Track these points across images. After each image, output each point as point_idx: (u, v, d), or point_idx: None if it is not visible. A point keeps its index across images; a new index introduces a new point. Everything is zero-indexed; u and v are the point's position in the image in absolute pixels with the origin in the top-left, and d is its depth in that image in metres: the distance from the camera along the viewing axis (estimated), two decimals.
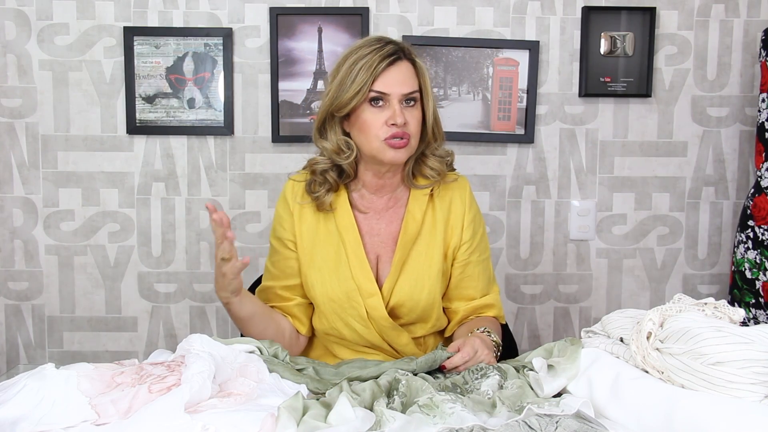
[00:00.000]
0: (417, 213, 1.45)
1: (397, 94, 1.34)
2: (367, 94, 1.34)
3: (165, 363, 1.09)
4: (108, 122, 2.22)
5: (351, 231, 1.43)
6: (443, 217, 1.46)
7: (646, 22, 2.20)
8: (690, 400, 0.94)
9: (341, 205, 1.44)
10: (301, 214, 1.46)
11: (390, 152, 1.35)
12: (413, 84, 1.37)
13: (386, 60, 1.34)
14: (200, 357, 1.05)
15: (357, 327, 1.43)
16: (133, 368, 1.07)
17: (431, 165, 1.44)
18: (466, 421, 0.95)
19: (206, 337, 1.14)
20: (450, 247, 1.47)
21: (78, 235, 2.24)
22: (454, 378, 1.20)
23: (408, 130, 1.35)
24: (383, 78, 1.34)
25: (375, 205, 1.47)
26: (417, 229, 1.44)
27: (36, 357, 2.27)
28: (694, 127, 2.27)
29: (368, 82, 1.33)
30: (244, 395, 1.03)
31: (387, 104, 1.35)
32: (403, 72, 1.36)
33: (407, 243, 1.43)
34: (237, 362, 1.13)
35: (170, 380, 1.00)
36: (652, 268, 2.31)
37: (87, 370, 1.04)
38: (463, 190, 1.49)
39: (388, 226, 1.46)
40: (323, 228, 1.45)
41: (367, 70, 1.33)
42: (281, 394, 1.08)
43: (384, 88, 1.34)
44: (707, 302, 1.12)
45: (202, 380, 0.99)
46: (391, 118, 1.34)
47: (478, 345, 1.28)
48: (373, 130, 1.35)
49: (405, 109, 1.36)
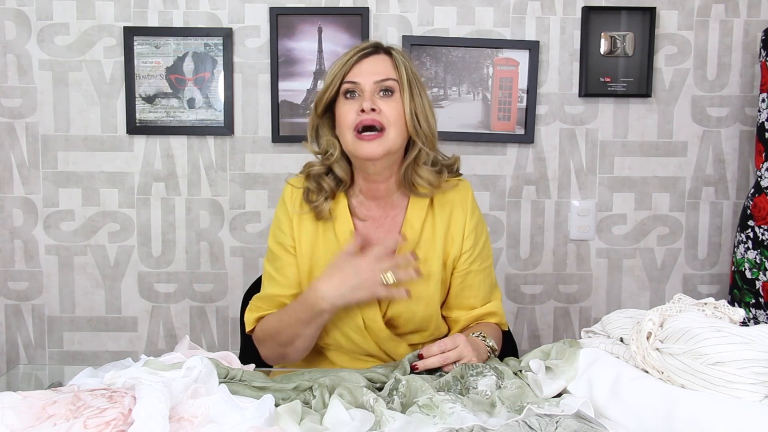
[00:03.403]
0: (416, 222, 1.41)
1: (368, 83, 1.31)
2: (339, 86, 1.33)
3: (107, 392, 0.96)
4: (108, 122, 2.22)
5: (349, 239, 1.39)
6: (443, 226, 1.42)
7: (646, 22, 2.20)
8: (690, 400, 0.94)
9: (341, 213, 1.41)
10: (300, 220, 1.42)
11: (362, 146, 1.30)
12: (387, 73, 1.33)
13: (360, 53, 1.34)
14: (152, 389, 0.91)
15: (354, 337, 1.40)
16: (68, 397, 0.93)
17: (422, 175, 1.37)
18: (466, 421, 0.95)
19: (154, 360, 1.04)
20: (450, 256, 1.42)
21: (78, 235, 2.24)
22: (453, 372, 1.19)
23: (381, 118, 1.30)
24: (355, 69, 1.33)
25: (373, 213, 1.43)
26: (415, 238, 1.40)
27: (36, 357, 2.27)
28: (694, 127, 2.27)
29: (340, 73, 1.32)
30: (198, 418, 0.92)
31: (360, 95, 1.33)
32: (377, 62, 1.34)
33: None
34: (190, 379, 1.00)
35: (110, 414, 0.87)
36: (652, 268, 2.31)
37: (13, 401, 0.91)
38: (465, 197, 1.44)
39: (386, 235, 1.41)
40: (322, 236, 1.41)
41: (341, 64, 1.33)
42: (239, 411, 0.98)
43: (354, 78, 1.32)
44: (707, 302, 1.12)
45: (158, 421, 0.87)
46: (360, 106, 1.30)
47: (461, 341, 1.22)
48: (345, 121, 1.32)
49: (381, 99, 1.32)
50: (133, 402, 0.91)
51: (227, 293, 2.27)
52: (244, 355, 1.58)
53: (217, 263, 2.26)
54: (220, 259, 2.26)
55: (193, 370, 1.01)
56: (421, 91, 1.36)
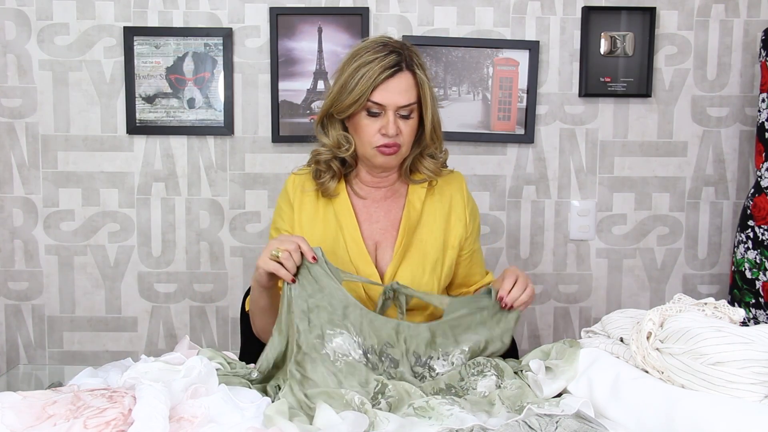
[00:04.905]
0: (416, 203, 1.51)
1: (393, 106, 1.39)
2: (365, 104, 1.39)
3: (107, 392, 0.96)
4: (108, 122, 2.22)
5: (348, 217, 1.48)
6: (443, 210, 1.52)
7: (646, 22, 2.20)
8: (690, 400, 0.94)
9: (340, 193, 1.50)
10: (301, 203, 1.51)
11: (380, 158, 1.42)
12: (411, 96, 1.40)
13: (386, 72, 1.38)
14: (152, 389, 0.92)
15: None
16: (68, 397, 0.94)
17: (426, 166, 1.50)
18: (466, 421, 0.95)
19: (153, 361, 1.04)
20: (456, 238, 1.52)
21: (78, 235, 2.24)
22: (450, 376, 1.19)
23: (399, 140, 1.41)
24: (381, 90, 1.38)
25: (374, 194, 1.52)
26: (417, 217, 1.50)
27: (36, 357, 2.27)
28: (694, 127, 2.27)
29: (367, 92, 1.38)
30: (198, 418, 0.93)
31: (383, 114, 1.40)
32: (402, 84, 1.39)
33: (410, 230, 1.48)
34: (190, 379, 1.01)
35: (110, 414, 0.88)
36: (652, 268, 2.31)
37: (14, 401, 0.92)
38: (461, 184, 1.57)
39: (387, 214, 1.51)
40: (322, 215, 1.49)
41: (367, 81, 1.37)
42: (239, 411, 0.99)
43: (381, 100, 1.38)
44: (707, 302, 1.12)
45: (158, 421, 0.87)
46: (383, 128, 1.39)
47: (517, 271, 1.33)
48: (366, 137, 1.41)
49: (400, 119, 1.40)
50: (133, 402, 0.91)
51: (227, 293, 2.27)
52: (244, 355, 1.59)
53: (217, 263, 2.26)
54: (220, 259, 2.26)
55: (193, 370, 1.01)
56: (436, 101, 1.47)
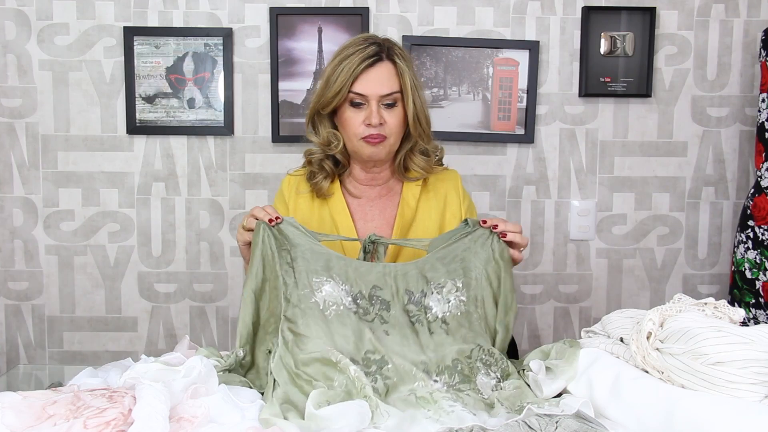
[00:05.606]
0: (411, 201, 1.53)
1: (375, 96, 1.41)
2: (346, 95, 1.41)
3: (107, 392, 0.96)
4: (108, 122, 2.22)
5: (343, 216, 1.50)
6: (438, 208, 1.54)
7: (646, 22, 2.20)
8: (690, 400, 0.94)
9: (334, 193, 1.52)
10: (296, 204, 1.54)
11: (367, 148, 1.43)
12: (392, 85, 1.42)
13: (366, 62, 1.40)
14: (152, 389, 0.91)
15: None
16: (68, 397, 0.93)
17: (417, 162, 1.52)
18: (466, 421, 0.95)
19: (153, 362, 1.03)
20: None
21: (78, 235, 2.24)
22: (460, 350, 1.15)
23: (384, 130, 1.42)
24: (362, 80, 1.40)
25: (368, 193, 1.54)
26: (412, 215, 1.52)
27: (36, 357, 2.27)
28: (694, 127, 2.27)
29: (347, 83, 1.40)
30: (198, 418, 0.93)
31: (366, 105, 1.41)
32: (383, 73, 1.41)
33: (404, 227, 1.50)
34: (190, 379, 1.00)
35: (110, 414, 0.87)
36: (652, 268, 2.31)
37: (14, 401, 0.91)
38: (456, 181, 1.58)
39: (382, 212, 1.53)
40: (317, 215, 1.52)
41: (348, 72, 1.40)
42: (239, 411, 0.99)
43: (362, 90, 1.40)
44: (707, 302, 1.12)
45: (158, 421, 0.87)
46: (367, 119, 1.41)
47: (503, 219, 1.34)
48: (352, 128, 1.43)
49: (384, 109, 1.42)
50: (133, 402, 0.91)
51: (227, 293, 2.27)
52: None
53: (217, 263, 2.26)
54: (220, 259, 2.26)
55: (193, 370, 1.01)
56: (420, 91, 1.46)
